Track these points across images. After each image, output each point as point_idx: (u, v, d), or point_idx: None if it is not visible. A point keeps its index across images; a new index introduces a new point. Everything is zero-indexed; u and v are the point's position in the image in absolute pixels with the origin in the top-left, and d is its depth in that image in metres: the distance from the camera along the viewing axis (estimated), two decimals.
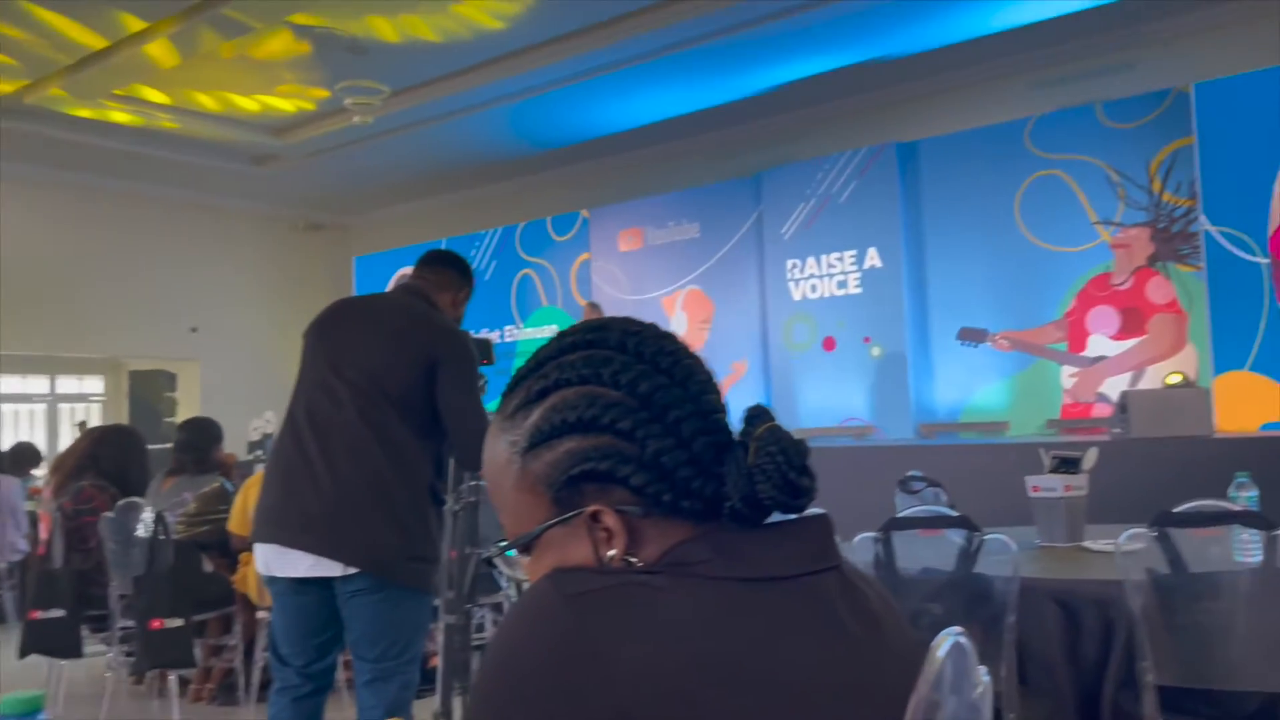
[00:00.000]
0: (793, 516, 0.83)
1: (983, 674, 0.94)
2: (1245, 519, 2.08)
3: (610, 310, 8.63)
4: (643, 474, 0.80)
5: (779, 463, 0.80)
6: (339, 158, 9.34)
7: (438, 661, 3.04)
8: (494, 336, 9.77)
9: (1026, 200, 7.02)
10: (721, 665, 0.72)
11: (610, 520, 0.80)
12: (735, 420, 0.86)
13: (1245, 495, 2.39)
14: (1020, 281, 7.01)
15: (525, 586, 0.85)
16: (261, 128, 8.70)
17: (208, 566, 4.06)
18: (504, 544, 0.87)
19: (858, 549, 2.30)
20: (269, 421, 8.25)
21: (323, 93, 7.64)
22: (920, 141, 7.55)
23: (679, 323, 8.76)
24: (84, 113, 8.04)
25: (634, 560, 0.80)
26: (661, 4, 6.45)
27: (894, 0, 6.32)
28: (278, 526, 2.37)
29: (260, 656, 3.76)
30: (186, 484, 4.12)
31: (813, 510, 0.84)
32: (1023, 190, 7.02)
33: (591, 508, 0.81)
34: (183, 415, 9.37)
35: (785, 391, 7.98)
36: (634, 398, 0.82)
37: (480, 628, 4.15)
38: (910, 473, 3.49)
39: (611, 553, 0.80)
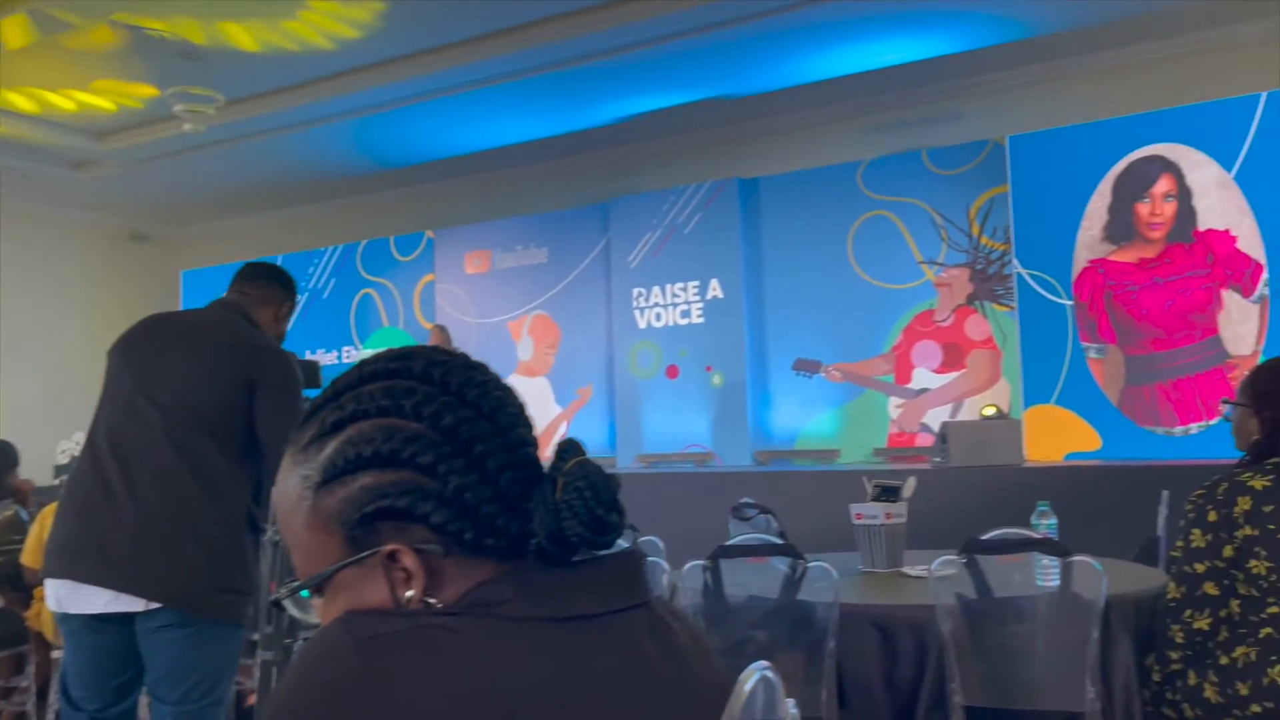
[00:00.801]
0: (601, 553, 0.82)
1: (790, 706, 0.96)
2: (1044, 546, 2.22)
3: (456, 333, 8.50)
4: (444, 511, 0.77)
5: (586, 498, 0.78)
6: (168, 166, 8.84)
7: (254, 700, 2.88)
8: (330, 358, 9.44)
9: (858, 238, 7.35)
10: (522, 711, 0.70)
11: (408, 560, 0.77)
12: (585, 449, 0.83)
13: (1045, 523, 2.56)
14: (852, 316, 7.33)
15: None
16: (83, 131, 8.15)
17: None
18: (294, 584, 0.82)
19: (687, 576, 2.32)
20: (78, 444, 7.69)
21: (150, 90, 7.20)
22: (761, 178, 7.81)
23: (525, 347, 8.71)
24: None
25: (433, 601, 0.77)
26: (515, 29, 6.45)
27: (739, 41, 6.53)
28: (73, 560, 2.19)
29: (55, 699, 3.47)
30: None
31: (621, 546, 0.83)
32: (855, 229, 7.36)
33: (389, 547, 0.77)
34: None
35: (630, 417, 8.05)
36: (437, 431, 0.78)
37: None
38: (743, 500, 3.56)
39: (409, 594, 0.77)
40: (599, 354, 8.36)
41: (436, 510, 0.77)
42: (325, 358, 9.33)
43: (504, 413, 0.82)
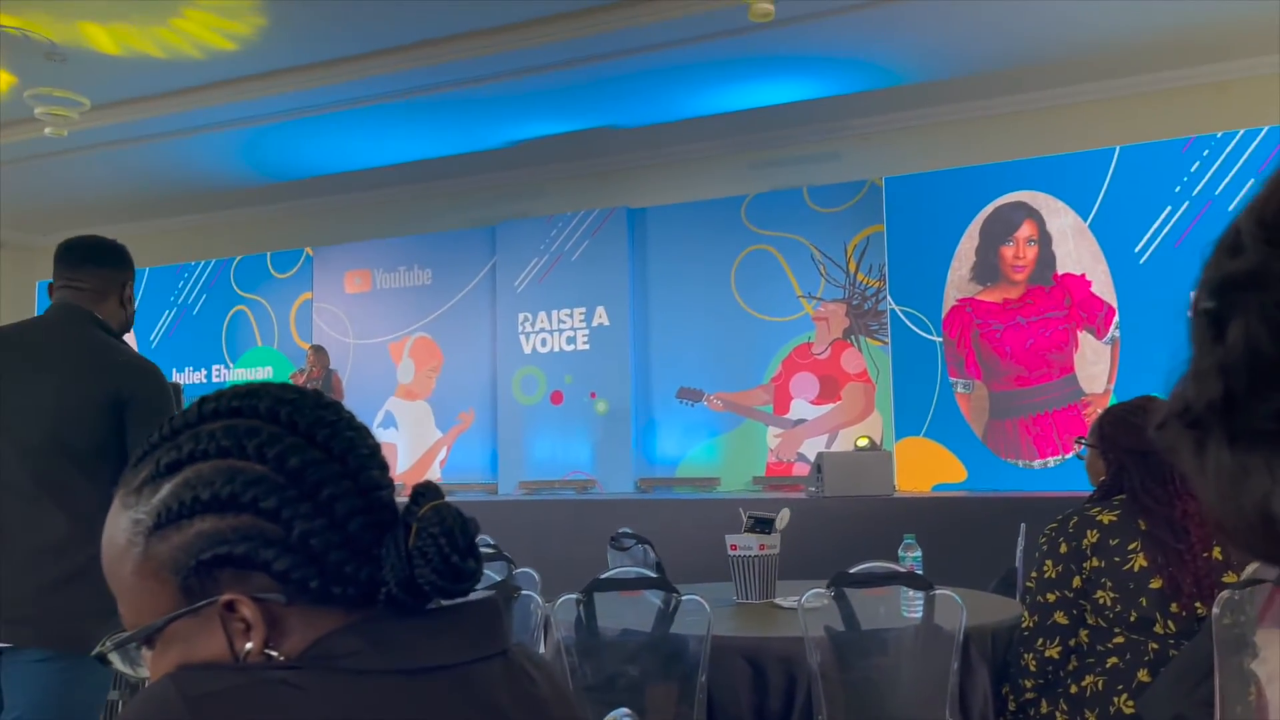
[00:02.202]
0: (459, 601, 0.79)
1: None
2: (909, 580, 2.29)
3: (334, 354, 8.26)
4: (287, 558, 0.73)
5: (441, 545, 0.76)
6: (27, 170, 8.35)
7: None
8: (199, 377, 9.05)
9: (741, 271, 7.50)
10: None
11: (247, 610, 0.72)
12: (466, 474, 0.81)
13: (911, 556, 2.64)
14: (734, 346, 7.46)
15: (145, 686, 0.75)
16: None
17: None
18: (121, 637, 0.77)
19: (560, 610, 2.30)
20: None
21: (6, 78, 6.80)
22: (649, 208, 7.90)
23: (406, 370, 8.54)
24: None
25: (275, 654, 0.73)
26: (400, 48, 6.36)
27: (630, 73, 6.61)
28: None
29: None
30: None
31: (480, 593, 0.81)
32: (738, 261, 7.51)
33: (226, 596, 0.72)
34: None
35: (512, 443, 7.97)
36: (281, 473, 0.74)
37: None
38: (621, 530, 3.56)
39: (249, 646, 0.73)
40: (482, 378, 8.27)
41: (279, 557, 0.73)
42: (194, 376, 8.94)
43: (355, 454, 0.79)
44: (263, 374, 8.98)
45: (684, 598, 2.23)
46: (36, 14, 5.75)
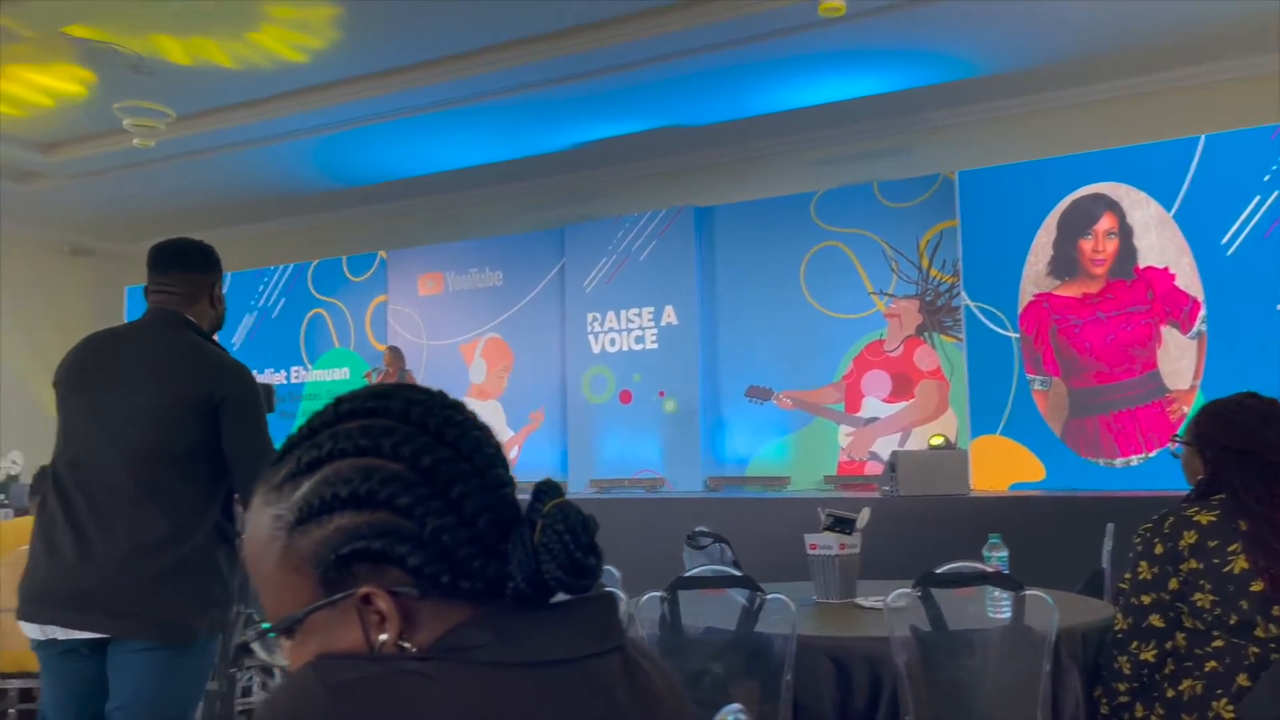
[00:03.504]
0: (578, 597, 0.81)
1: None
2: (998, 580, 2.26)
3: (408, 355, 8.42)
4: (420, 553, 0.75)
5: (565, 542, 0.78)
6: (115, 180, 8.67)
7: None
8: (279, 378, 9.29)
9: (811, 268, 7.45)
10: None
11: (383, 603, 0.75)
12: (537, 472, 0.83)
13: (997, 556, 2.60)
14: (803, 344, 7.41)
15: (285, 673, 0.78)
16: (28, 143, 7.97)
17: None
18: (264, 627, 0.80)
19: (644, 607, 2.31)
20: (14, 463, 7.47)
21: (87, 75, 6.93)
22: (717, 207, 7.88)
23: (478, 370, 8.66)
24: None
25: (407, 645, 0.76)
26: (470, 54, 6.45)
27: (697, 72, 6.61)
28: (52, 607, 2.15)
29: None
30: None
31: (598, 590, 0.83)
32: (808, 259, 7.45)
33: (363, 589, 0.75)
34: None
35: (582, 442, 8.03)
36: (415, 471, 0.77)
37: (247, 691, 3.87)
38: (698, 528, 3.56)
39: (383, 638, 0.75)
40: (552, 378, 8.34)
41: (413, 552, 0.75)
42: (274, 378, 9.17)
43: (482, 453, 0.81)
44: (340, 375, 9.19)
45: (769, 597, 2.24)
46: (124, 29, 5.96)
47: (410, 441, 0.78)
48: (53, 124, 7.58)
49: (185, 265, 2.46)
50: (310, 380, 9.33)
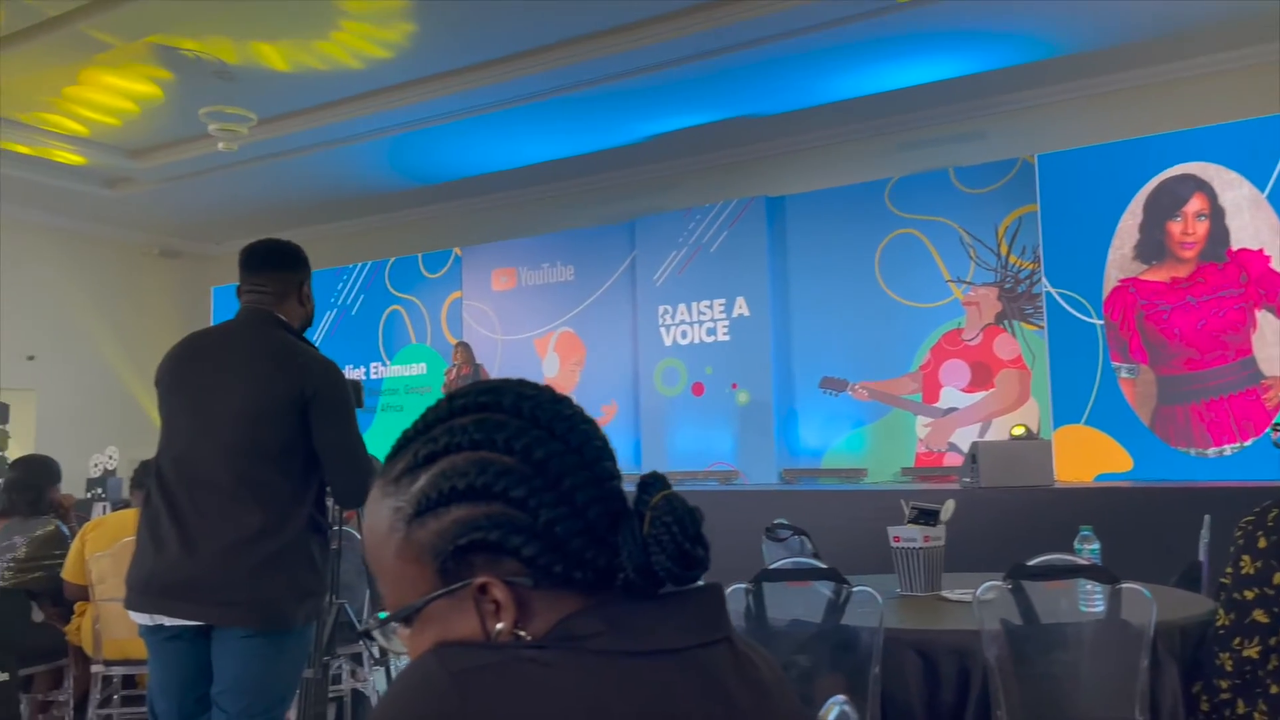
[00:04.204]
0: (685, 587, 0.82)
1: None
2: (1093, 573, 2.21)
3: (483, 350, 8.54)
4: (535, 544, 0.77)
5: (674, 533, 0.79)
6: (200, 183, 8.96)
7: (292, 717, 2.89)
8: (359, 373, 9.50)
9: (886, 257, 7.34)
10: None
11: (499, 593, 0.77)
12: None
13: (1089, 548, 2.54)
14: (879, 334, 7.31)
15: (403, 661, 0.81)
16: (117, 149, 8.28)
17: (38, 616, 3.75)
18: (384, 616, 0.83)
19: (729, 599, 2.31)
20: (112, 458, 7.77)
21: (166, 76, 7.12)
22: (788, 196, 7.82)
23: (551, 364, 8.74)
24: None
25: (523, 634, 0.78)
26: (542, 49, 6.50)
27: (766, 61, 6.56)
28: (159, 597, 2.26)
29: (94, 714, 3.50)
30: (17, 527, 3.80)
31: (704, 581, 0.84)
32: (882, 247, 7.35)
33: (480, 579, 0.77)
34: (15, 449, 8.69)
35: (655, 434, 8.05)
36: (528, 464, 0.79)
37: (337, 679, 3.97)
38: (777, 521, 3.55)
39: (500, 626, 0.77)
40: (624, 371, 8.37)
41: (527, 543, 0.77)
42: (354, 374, 9.39)
43: (591, 446, 0.83)
44: (417, 370, 9.36)
45: (855, 589, 2.22)
46: (208, 36, 6.15)
47: (522, 435, 0.80)
48: (141, 130, 7.86)
49: (275, 265, 2.54)
50: (389, 375, 9.53)
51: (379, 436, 7.68)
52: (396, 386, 9.43)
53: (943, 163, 7.30)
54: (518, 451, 0.79)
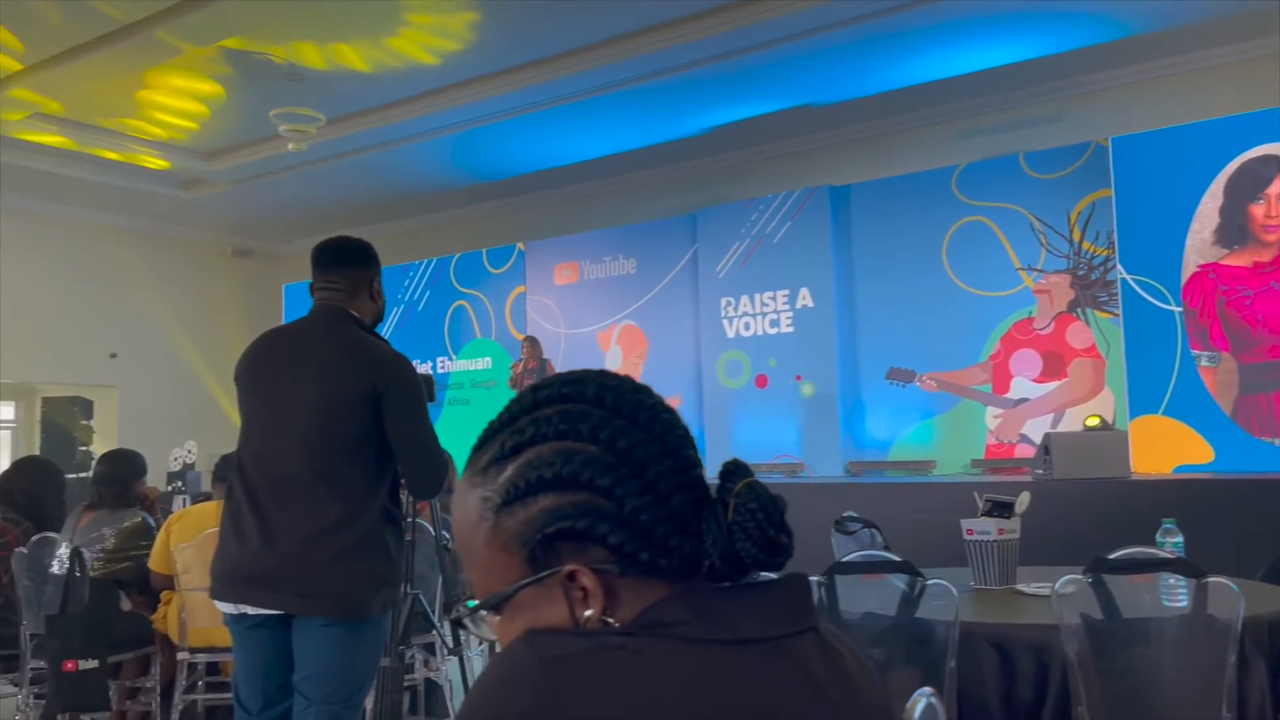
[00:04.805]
0: (770, 577, 0.82)
1: None
2: (1178, 567, 2.15)
3: (547, 344, 8.60)
4: (621, 532, 0.78)
5: (759, 520, 0.79)
6: (271, 184, 9.18)
7: (369, 704, 2.95)
8: (425, 368, 9.65)
9: (953, 245, 7.21)
10: None
11: (587, 580, 0.78)
12: None
13: (1172, 541, 2.47)
14: (947, 324, 7.19)
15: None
16: (193, 152, 8.52)
17: (126, 605, 3.89)
18: (475, 604, 0.84)
19: None
20: (190, 452, 8.01)
21: (235, 77, 7.35)
22: (852, 185, 7.73)
23: (614, 357, 8.77)
24: (13, 133, 7.77)
25: (611, 621, 0.78)
26: (603, 43, 6.52)
27: (829, 48, 6.49)
28: (242, 587, 2.33)
29: (179, 700, 3.61)
30: (106, 519, 3.94)
31: (790, 570, 0.84)
32: (950, 235, 7.22)
33: (568, 567, 0.78)
34: (99, 444, 9.02)
35: (719, 427, 8.03)
36: (612, 454, 0.80)
37: (411, 668, 4.05)
38: (846, 513, 3.52)
39: (588, 613, 0.78)
40: (687, 363, 8.37)
41: (614, 531, 0.78)
42: (420, 369, 9.52)
43: (673, 435, 0.84)
44: (482, 365, 9.47)
45: (929, 582, 2.19)
46: (277, 39, 6.29)
47: (606, 425, 0.81)
48: (215, 133, 8.07)
49: (346, 263, 2.59)
50: (455, 370, 9.66)
51: (446, 430, 7.74)
52: (462, 381, 9.56)
53: (1012, 148, 7.14)
54: (602, 441, 0.80)
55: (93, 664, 3.41)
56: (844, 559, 2.29)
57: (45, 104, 7.25)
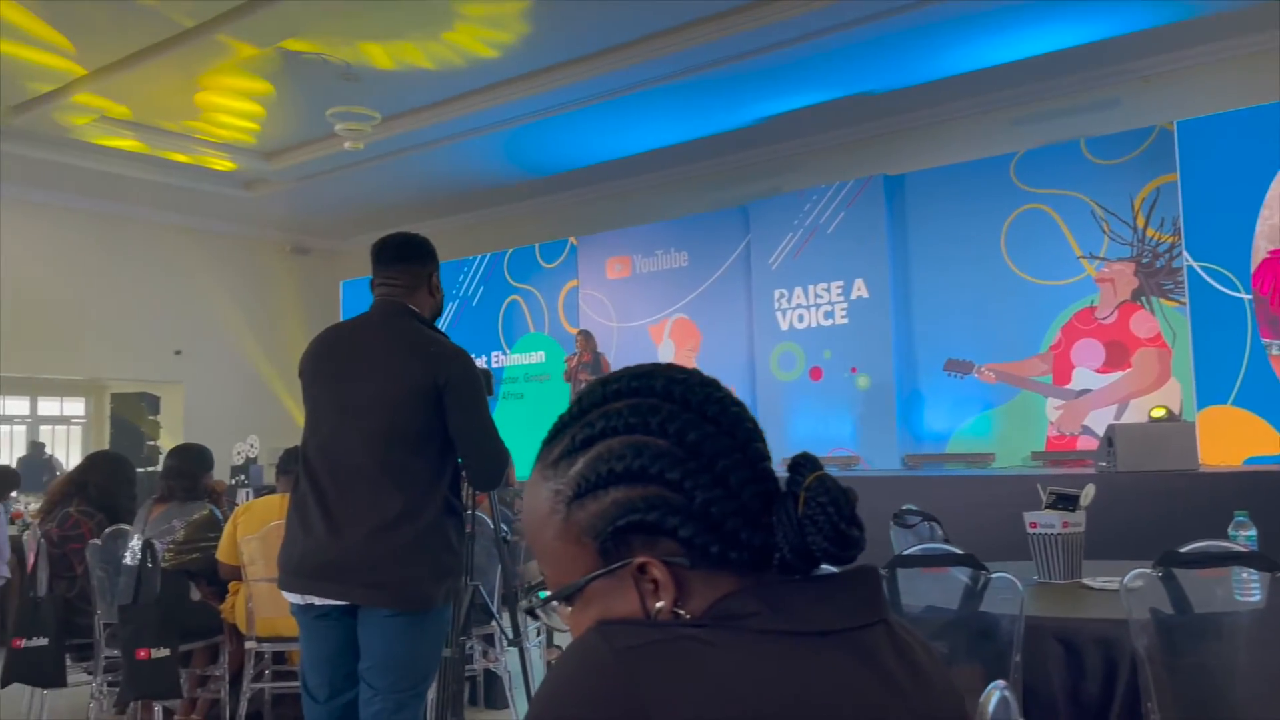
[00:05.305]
0: (839, 569, 0.82)
1: None
2: (1252, 561, 2.09)
3: (600, 337, 8.64)
4: (691, 525, 0.78)
5: (830, 513, 0.79)
6: (328, 182, 9.33)
7: (431, 694, 2.99)
8: (480, 362, 9.73)
9: (1012, 233, 7.09)
10: None
11: (658, 572, 0.79)
12: None
13: (1245, 534, 2.41)
14: (1005, 314, 7.07)
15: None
16: (253, 153, 8.69)
17: (195, 595, 4.00)
18: (548, 595, 0.85)
19: None
20: (253, 446, 8.18)
21: (292, 78, 7.45)
22: (907, 174, 7.63)
23: (666, 350, 8.77)
24: (83, 136, 8.00)
25: (682, 613, 0.79)
26: (652, 36, 6.51)
27: (882, 36, 6.40)
28: (309, 578, 2.38)
29: (248, 688, 3.70)
30: (175, 511, 4.06)
31: (859, 563, 0.83)
32: (1008, 224, 7.10)
33: (639, 559, 0.79)
34: (165, 439, 9.26)
35: (772, 421, 7.98)
36: (682, 447, 0.80)
37: (470, 659, 4.10)
38: (905, 506, 3.48)
39: (659, 605, 0.79)
40: (740, 357, 8.34)
41: (684, 524, 0.78)
42: (476, 363, 9.61)
43: (742, 428, 0.84)
44: (536, 359, 9.54)
45: (993, 575, 2.16)
46: (333, 39, 6.38)
47: (676, 419, 0.81)
48: (273, 133, 8.22)
49: (406, 258, 2.63)
50: (509, 364, 9.74)
51: (500, 424, 7.81)
52: (516, 375, 9.63)
53: (1072, 134, 6.99)
54: (671, 435, 0.81)
55: (164, 652, 3.51)
56: (905, 552, 2.27)
57: (111, 108, 7.45)
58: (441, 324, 2.74)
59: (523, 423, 8.79)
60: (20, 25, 6.08)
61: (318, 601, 2.39)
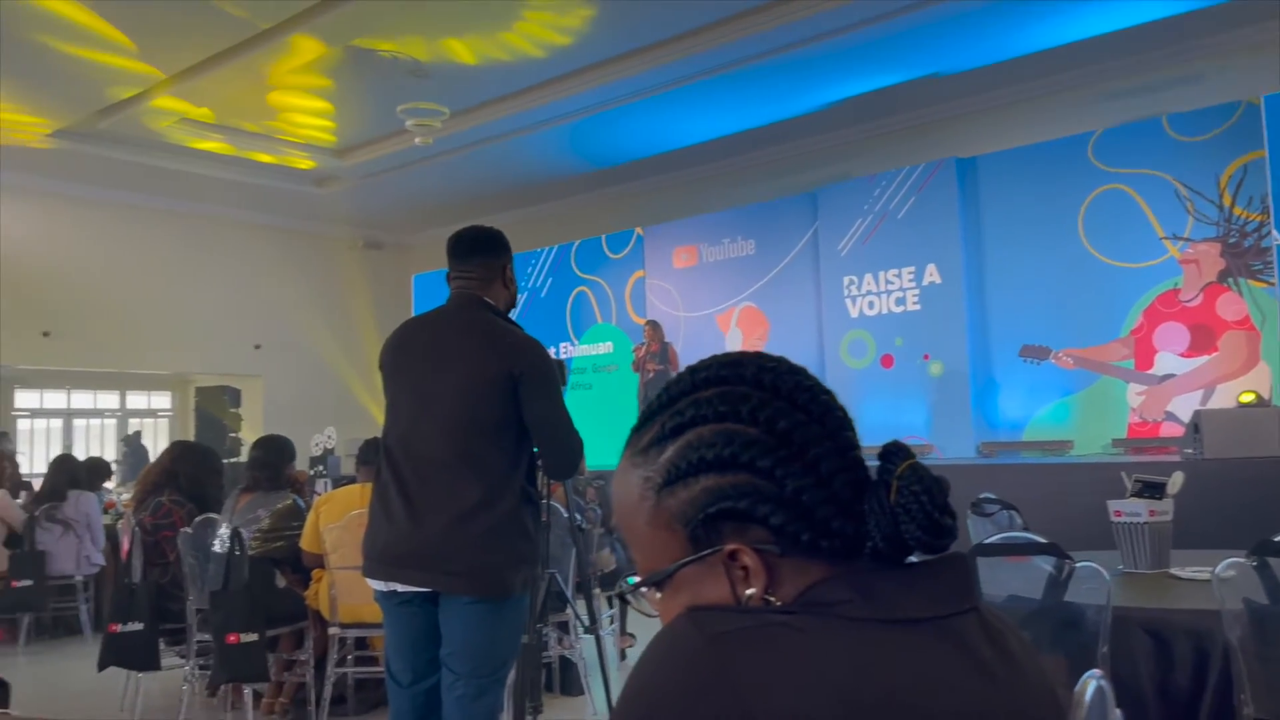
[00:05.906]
0: (931, 557, 0.81)
1: (1119, 717, 0.92)
2: None
3: (667, 327, 8.64)
4: (782, 513, 0.78)
5: (923, 502, 0.78)
6: (399, 178, 9.49)
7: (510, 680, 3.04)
8: (550, 353, 9.83)
9: (1090, 215, 6.90)
10: (869, 709, 0.71)
11: (749, 559, 0.79)
12: None
13: None
14: (1084, 298, 6.89)
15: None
16: (326, 150, 8.87)
17: (281, 582, 4.12)
18: (639, 580, 0.86)
19: None
20: (330, 437, 8.38)
21: (363, 75, 7.65)
22: (980, 157, 7.47)
23: (734, 339, 8.75)
24: (169, 139, 8.27)
25: (772, 600, 0.79)
26: (719, 23, 6.48)
27: (951, 16, 6.28)
28: (392, 566, 2.44)
29: (332, 672, 3.80)
30: (261, 501, 4.18)
31: (951, 551, 0.83)
32: (1086, 205, 6.91)
33: (730, 546, 0.79)
34: (247, 431, 9.55)
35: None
36: (772, 435, 0.80)
37: (545, 646, 4.15)
38: (982, 495, 3.43)
39: (750, 592, 0.79)
40: (809, 344, 8.27)
41: (775, 512, 0.79)
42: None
43: (832, 416, 0.83)
44: (604, 349, 9.59)
45: (1078, 565, 2.12)
46: (402, 36, 6.48)
47: (765, 407, 0.81)
48: (345, 130, 8.39)
49: (480, 252, 2.66)
50: (577, 355, 9.81)
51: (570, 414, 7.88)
52: (584, 365, 9.69)
53: (1153, 111, 6.77)
54: (761, 423, 0.81)
55: (253, 637, 3.62)
56: (986, 540, 2.24)
57: (190, 110, 7.67)
58: (513, 316, 2.77)
59: (591, 413, 8.84)
60: (98, 31, 6.29)
61: (400, 588, 2.44)
